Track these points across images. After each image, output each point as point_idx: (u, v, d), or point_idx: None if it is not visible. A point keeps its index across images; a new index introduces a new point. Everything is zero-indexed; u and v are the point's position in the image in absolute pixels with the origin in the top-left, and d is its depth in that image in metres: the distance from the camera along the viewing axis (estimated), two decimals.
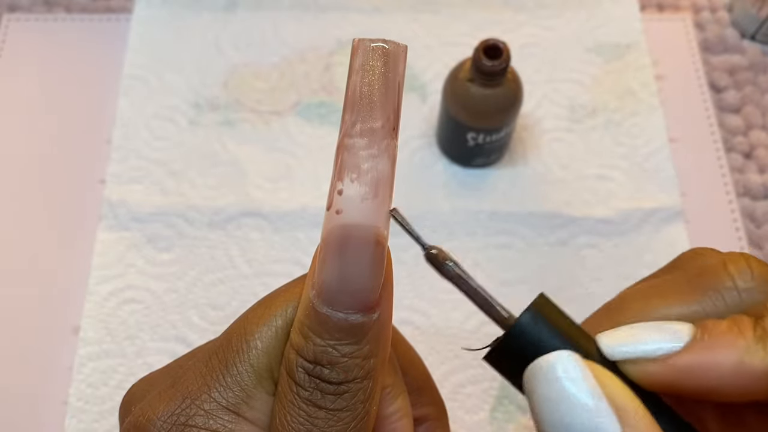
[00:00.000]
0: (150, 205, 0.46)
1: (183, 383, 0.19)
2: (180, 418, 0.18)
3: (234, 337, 0.19)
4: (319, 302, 0.18)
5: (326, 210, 0.18)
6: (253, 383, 0.18)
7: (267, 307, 0.19)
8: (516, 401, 0.41)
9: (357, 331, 0.18)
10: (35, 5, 0.54)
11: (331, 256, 0.18)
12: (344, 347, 0.18)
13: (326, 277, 0.18)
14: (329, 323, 0.18)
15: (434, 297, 0.43)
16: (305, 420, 0.18)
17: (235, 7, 0.54)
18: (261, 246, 0.45)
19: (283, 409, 0.18)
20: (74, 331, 0.43)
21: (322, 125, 0.49)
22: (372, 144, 0.18)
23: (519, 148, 0.48)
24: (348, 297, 0.18)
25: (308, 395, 0.18)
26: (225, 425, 0.18)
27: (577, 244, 0.45)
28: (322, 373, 0.18)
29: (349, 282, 0.18)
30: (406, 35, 0.53)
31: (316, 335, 0.18)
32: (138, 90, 0.50)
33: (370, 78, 0.18)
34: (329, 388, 0.18)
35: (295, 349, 0.18)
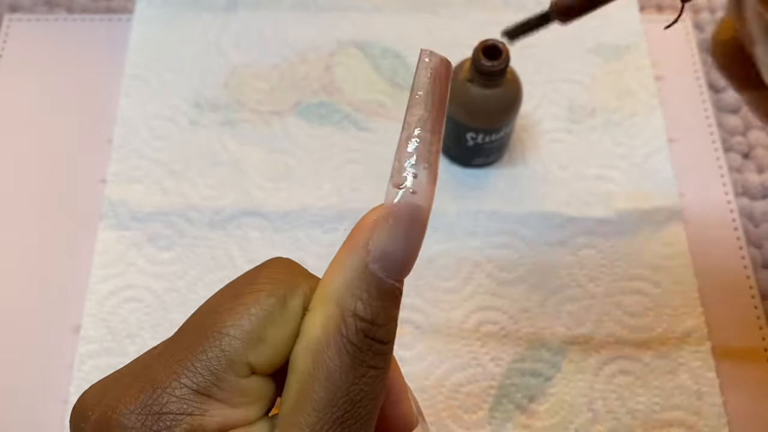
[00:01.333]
0: (150, 205, 0.46)
1: (148, 375, 0.20)
2: (153, 408, 0.19)
3: (203, 329, 0.20)
4: (379, 267, 0.20)
5: (394, 186, 0.21)
6: (222, 367, 0.19)
7: (235, 298, 0.21)
8: (515, 401, 0.41)
9: (397, 298, 0.21)
10: (36, 5, 0.55)
11: (401, 229, 0.20)
12: (391, 311, 0.20)
13: (392, 246, 0.20)
14: (383, 287, 0.20)
15: (434, 297, 0.44)
16: (360, 379, 0.20)
17: (236, 7, 0.54)
18: (261, 245, 0.45)
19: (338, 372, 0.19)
20: (75, 329, 0.43)
21: (322, 125, 0.49)
22: (439, 141, 0.21)
23: (518, 148, 0.48)
24: (400, 266, 0.20)
25: (364, 357, 0.20)
26: (198, 407, 0.19)
27: (576, 244, 0.45)
28: (377, 334, 0.20)
29: (406, 254, 0.20)
30: (406, 35, 0.53)
31: (373, 298, 0.20)
32: (139, 90, 0.50)
33: (439, 84, 0.21)
34: (381, 348, 0.20)
35: (352, 311, 0.20)
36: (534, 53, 0.52)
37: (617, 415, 0.41)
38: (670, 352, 0.42)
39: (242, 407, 0.20)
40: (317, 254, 0.45)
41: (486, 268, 0.44)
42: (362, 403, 0.20)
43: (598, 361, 0.42)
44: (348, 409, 0.19)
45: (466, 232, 0.46)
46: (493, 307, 0.43)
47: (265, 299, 0.20)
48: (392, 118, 0.50)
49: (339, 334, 0.20)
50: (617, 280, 0.44)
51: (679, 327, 0.43)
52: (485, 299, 0.44)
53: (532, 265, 0.45)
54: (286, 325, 0.20)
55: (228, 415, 0.19)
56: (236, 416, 0.20)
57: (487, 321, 0.43)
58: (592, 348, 0.42)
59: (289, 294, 0.21)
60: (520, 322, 0.43)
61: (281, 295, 0.21)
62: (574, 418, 0.41)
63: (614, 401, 0.41)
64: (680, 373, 0.41)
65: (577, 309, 0.43)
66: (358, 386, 0.20)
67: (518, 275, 0.44)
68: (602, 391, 0.41)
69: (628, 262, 0.45)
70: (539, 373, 0.42)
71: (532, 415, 0.41)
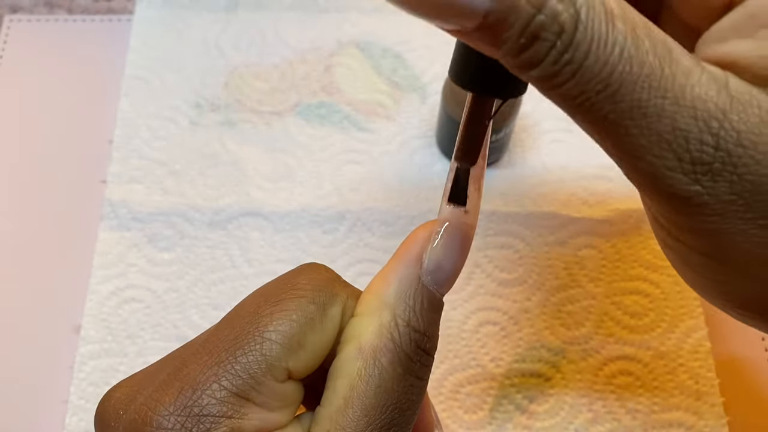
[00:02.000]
0: (151, 205, 0.46)
1: (187, 375, 0.20)
2: (194, 409, 0.19)
3: (243, 332, 0.20)
4: (431, 280, 0.21)
5: (447, 204, 0.22)
6: (262, 371, 0.20)
7: (276, 304, 0.21)
8: (515, 401, 0.41)
9: (441, 311, 0.22)
10: (37, 6, 0.55)
11: (455, 247, 0.21)
12: (438, 323, 0.21)
13: (446, 262, 0.21)
14: (434, 300, 0.21)
15: None
16: (408, 389, 0.20)
17: (236, 7, 0.54)
18: (262, 246, 0.45)
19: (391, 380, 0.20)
20: (75, 329, 0.43)
21: (322, 126, 0.49)
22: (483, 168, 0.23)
23: (518, 148, 0.48)
24: (449, 280, 0.21)
25: (415, 367, 0.21)
26: (237, 410, 0.19)
27: (576, 244, 0.45)
28: (426, 345, 0.21)
29: (456, 268, 0.21)
30: (406, 36, 0.53)
31: (425, 309, 0.21)
32: (139, 90, 0.50)
33: None
34: (428, 359, 0.21)
35: (406, 321, 0.21)
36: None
37: (617, 416, 0.41)
38: (670, 352, 0.42)
39: (278, 411, 0.20)
40: (317, 254, 0.45)
41: (486, 268, 0.45)
42: (407, 412, 0.20)
43: (598, 362, 0.42)
44: (395, 416, 0.20)
45: None
46: (493, 307, 0.43)
47: (306, 306, 0.21)
48: (392, 118, 0.50)
49: (393, 342, 0.20)
50: (617, 280, 0.44)
51: (679, 327, 0.43)
52: (485, 299, 0.44)
53: (532, 265, 0.45)
54: (325, 332, 0.21)
55: (265, 419, 0.20)
56: (272, 420, 0.20)
57: (487, 321, 0.43)
58: (592, 348, 0.42)
59: (329, 302, 0.21)
60: (520, 322, 0.43)
61: (322, 303, 0.21)
62: (574, 419, 0.41)
63: (614, 401, 0.41)
64: (680, 373, 0.41)
65: (577, 309, 0.43)
66: (406, 395, 0.20)
67: (518, 275, 0.44)
68: (602, 391, 0.41)
69: (628, 262, 0.45)
70: (539, 373, 0.42)
71: (532, 415, 0.41)
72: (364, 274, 0.44)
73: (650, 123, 0.18)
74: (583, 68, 0.17)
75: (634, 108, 0.18)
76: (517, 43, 0.17)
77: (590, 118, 0.19)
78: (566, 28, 0.17)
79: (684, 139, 0.18)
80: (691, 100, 0.18)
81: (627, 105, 0.18)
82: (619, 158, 0.20)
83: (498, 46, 0.18)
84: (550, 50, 0.17)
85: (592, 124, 0.19)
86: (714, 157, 0.18)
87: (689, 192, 0.19)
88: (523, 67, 0.18)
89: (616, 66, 0.18)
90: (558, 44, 0.17)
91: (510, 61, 0.18)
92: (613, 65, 0.17)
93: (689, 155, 0.18)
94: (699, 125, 0.18)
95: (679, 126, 0.18)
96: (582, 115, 0.19)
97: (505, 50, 0.18)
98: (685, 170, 0.19)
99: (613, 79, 0.18)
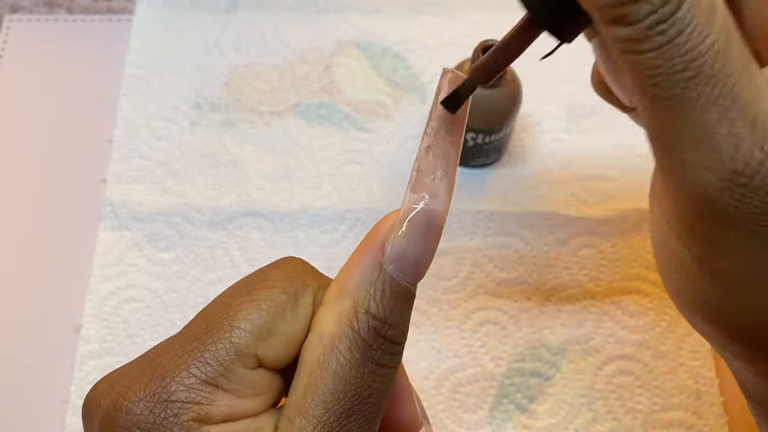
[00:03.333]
0: (151, 205, 0.46)
1: (159, 364, 0.20)
2: (162, 396, 0.19)
3: (214, 321, 0.21)
4: (393, 269, 0.21)
5: (411, 192, 0.22)
6: (231, 358, 0.20)
7: (248, 294, 0.21)
8: (515, 401, 0.41)
9: (411, 300, 0.21)
10: (37, 6, 0.55)
11: (417, 232, 0.21)
12: (404, 311, 0.21)
13: (408, 248, 0.21)
14: (398, 288, 0.21)
15: (434, 297, 0.44)
16: (368, 376, 0.20)
17: (236, 7, 0.54)
18: (261, 246, 0.45)
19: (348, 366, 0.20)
20: (75, 329, 0.43)
21: (322, 126, 0.50)
22: (457, 153, 0.23)
23: (518, 148, 0.49)
24: (416, 269, 0.21)
25: (374, 354, 0.20)
26: (205, 396, 0.19)
27: (576, 244, 0.45)
28: (388, 333, 0.21)
29: (422, 256, 0.21)
30: (406, 36, 0.53)
31: (386, 297, 0.21)
32: (139, 90, 0.50)
33: None
34: (390, 347, 0.21)
35: (365, 309, 0.20)
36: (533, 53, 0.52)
37: (617, 415, 0.41)
38: (670, 352, 0.42)
39: (249, 398, 0.20)
40: (317, 254, 0.45)
41: (486, 268, 0.45)
42: (369, 399, 0.20)
43: (597, 361, 0.42)
44: (355, 403, 0.20)
45: (466, 232, 0.46)
46: (493, 307, 0.43)
47: (277, 296, 0.21)
48: (392, 118, 0.50)
49: (351, 329, 0.20)
50: (617, 279, 0.44)
51: (679, 327, 0.43)
52: (485, 299, 0.44)
53: (532, 265, 0.45)
54: (297, 321, 0.21)
55: (235, 406, 0.20)
56: (243, 407, 0.20)
57: (487, 321, 0.43)
58: (592, 348, 0.42)
59: (301, 292, 0.21)
60: (520, 322, 0.43)
61: (293, 293, 0.21)
62: (574, 418, 0.41)
63: (614, 401, 0.41)
64: (680, 373, 0.42)
65: (577, 309, 0.43)
66: (367, 382, 0.20)
67: (518, 275, 0.44)
68: (602, 391, 0.41)
69: (628, 261, 0.45)
70: (539, 373, 0.42)
71: (532, 415, 0.41)
72: None
73: (710, 119, 0.19)
74: (673, 44, 0.18)
75: (701, 99, 0.19)
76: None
77: (654, 93, 0.19)
78: (672, 0, 0.18)
79: (734, 146, 0.19)
80: (754, 115, 0.19)
81: (695, 94, 0.19)
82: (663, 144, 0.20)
83: None
84: (650, 14, 0.18)
85: (653, 100, 0.19)
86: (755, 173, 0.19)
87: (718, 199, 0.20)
88: (616, 21, 0.19)
89: (703, 55, 0.18)
90: (660, 12, 0.18)
91: (608, 11, 0.19)
92: (699, 53, 0.18)
93: (733, 164, 0.19)
94: (754, 138, 0.19)
95: (734, 132, 0.19)
96: (648, 89, 0.19)
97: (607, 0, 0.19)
98: (724, 177, 0.19)
99: (694, 66, 0.18)
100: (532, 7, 0.22)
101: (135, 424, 0.19)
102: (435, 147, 0.22)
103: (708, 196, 0.20)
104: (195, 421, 0.19)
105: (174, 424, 0.19)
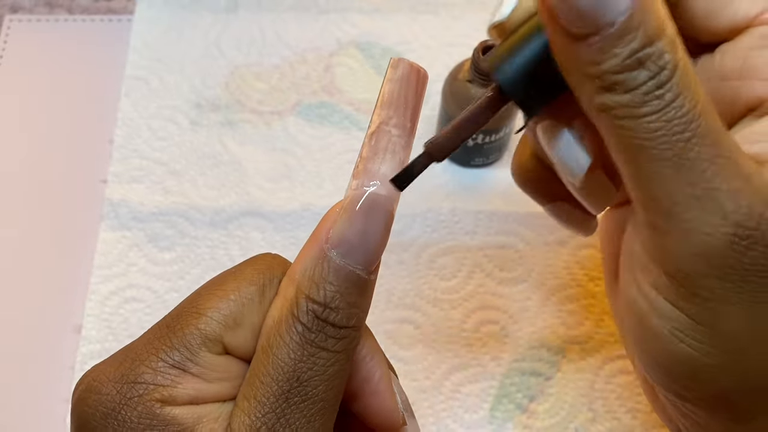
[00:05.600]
0: (151, 205, 0.46)
1: (131, 350, 0.21)
2: (129, 377, 0.20)
3: (184, 310, 0.22)
4: (336, 254, 0.21)
5: (354, 179, 0.22)
6: (198, 344, 0.21)
7: (218, 285, 0.22)
8: (515, 400, 0.41)
9: (361, 285, 0.21)
10: (37, 6, 0.55)
11: (358, 217, 0.21)
12: (350, 296, 0.21)
13: (349, 233, 0.21)
14: (342, 272, 0.21)
15: (434, 297, 0.44)
16: (308, 359, 0.20)
17: (236, 8, 0.54)
18: (262, 246, 0.45)
19: (286, 348, 0.20)
20: (76, 329, 0.43)
21: (322, 126, 0.50)
22: (401, 137, 0.22)
23: None
24: (362, 253, 0.21)
25: (314, 337, 0.20)
26: (171, 379, 0.20)
27: (576, 243, 0.45)
28: (329, 316, 0.21)
29: (367, 241, 0.21)
30: (406, 36, 0.53)
31: (328, 281, 0.21)
32: (139, 90, 0.51)
33: (406, 88, 0.23)
34: (333, 331, 0.21)
35: (305, 294, 0.21)
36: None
37: (617, 415, 0.41)
38: None
39: (216, 383, 0.21)
40: None
41: (486, 268, 0.45)
42: (311, 382, 0.20)
43: (598, 361, 0.42)
44: (294, 385, 0.20)
45: (466, 232, 0.46)
46: (493, 306, 0.44)
47: (246, 287, 0.22)
48: None
49: (291, 315, 0.21)
50: None
51: None
52: (485, 299, 0.44)
53: (532, 265, 0.45)
54: (263, 312, 0.22)
55: (201, 389, 0.21)
56: (209, 390, 0.21)
57: (487, 321, 0.43)
58: (592, 347, 0.42)
59: (269, 283, 0.22)
60: (520, 322, 0.43)
61: (261, 284, 0.22)
62: (574, 418, 0.41)
63: (614, 401, 0.41)
64: None
65: (576, 308, 0.43)
66: (307, 365, 0.20)
67: (518, 275, 0.44)
68: (602, 390, 0.41)
69: None
70: (539, 372, 0.42)
71: (532, 414, 0.41)
72: None
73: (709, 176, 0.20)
74: (671, 107, 0.19)
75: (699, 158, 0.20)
76: (622, 63, 0.19)
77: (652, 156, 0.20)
78: (668, 67, 0.19)
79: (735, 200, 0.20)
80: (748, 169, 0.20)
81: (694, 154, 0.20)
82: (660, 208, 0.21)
83: (602, 62, 0.19)
84: (649, 80, 0.19)
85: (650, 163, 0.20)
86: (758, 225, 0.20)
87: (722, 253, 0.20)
88: (613, 88, 0.20)
89: (698, 117, 0.20)
90: (657, 78, 0.19)
91: (607, 78, 0.19)
92: (695, 114, 0.19)
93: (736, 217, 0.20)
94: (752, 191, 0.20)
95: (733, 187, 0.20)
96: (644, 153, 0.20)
97: (607, 66, 0.19)
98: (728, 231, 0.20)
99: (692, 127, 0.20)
100: (507, 81, 0.22)
101: (101, 404, 0.20)
102: (380, 133, 0.22)
103: (713, 250, 0.20)
104: (159, 401, 0.20)
105: (138, 404, 0.20)
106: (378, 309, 0.43)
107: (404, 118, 0.23)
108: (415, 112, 0.23)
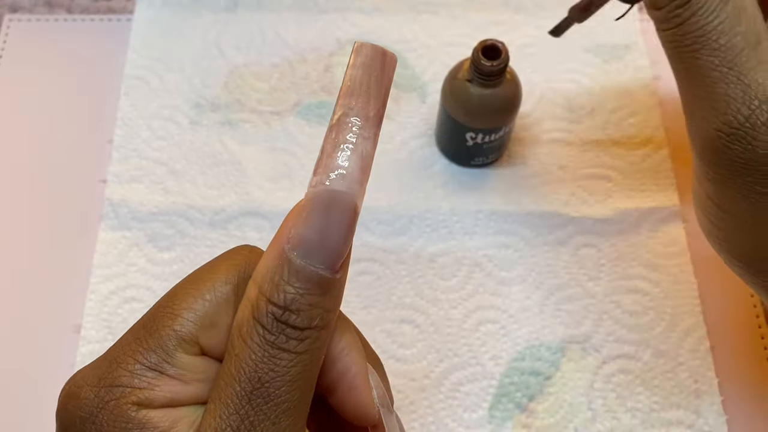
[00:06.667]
0: (151, 205, 0.46)
1: (110, 354, 0.21)
2: (107, 381, 0.20)
3: (160, 310, 0.21)
4: (296, 255, 0.20)
5: (314, 175, 0.21)
6: (174, 345, 0.21)
7: (193, 284, 0.22)
8: (514, 400, 0.41)
9: (324, 285, 0.20)
10: (37, 6, 0.55)
11: (316, 215, 0.20)
12: (312, 297, 0.20)
13: (308, 232, 0.20)
14: (302, 274, 0.20)
15: (434, 296, 0.44)
16: (269, 360, 0.20)
17: (236, 7, 0.54)
18: (262, 245, 0.45)
19: (247, 350, 0.20)
20: (76, 329, 0.43)
21: (322, 125, 0.50)
22: (364, 128, 0.21)
23: (518, 147, 0.49)
24: (323, 253, 0.20)
25: (274, 339, 0.20)
26: (149, 382, 0.20)
27: (576, 243, 0.45)
28: (290, 319, 0.20)
29: (328, 239, 0.20)
30: (406, 36, 0.53)
31: (288, 284, 0.20)
32: (139, 90, 0.51)
33: (370, 74, 0.21)
34: (294, 333, 0.20)
35: (266, 296, 0.20)
36: (533, 53, 0.52)
37: (616, 414, 0.41)
38: (669, 352, 0.42)
39: (194, 384, 0.21)
40: None
41: (486, 268, 0.45)
42: (273, 384, 0.20)
43: (597, 360, 0.42)
44: (256, 386, 0.20)
45: (465, 231, 0.46)
46: (493, 306, 0.44)
47: (221, 287, 0.22)
48: (392, 117, 0.50)
49: (251, 316, 0.20)
50: (617, 279, 0.44)
51: (679, 326, 0.43)
52: (485, 298, 0.44)
53: (532, 264, 0.45)
54: None
55: (178, 392, 0.21)
56: (186, 392, 0.21)
57: (487, 320, 0.43)
58: (592, 347, 0.42)
59: (243, 282, 0.22)
60: (519, 321, 0.43)
61: (235, 283, 0.22)
62: (573, 417, 0.41)
63: (614, 400, 0.41)
64: (679, 372, 0.42)
65: (576, 308, 0.44)
66: (267, 366, 0.20)
67: (518, 275, 0.44)
68: (602, 390, 0.41)
69: (628, 261, 0.45)
70: (539, 372, 0.42)
71: (532, 414, 0.41)
72: (363, 273, 0.44)
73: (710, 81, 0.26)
74: (687, 24, 0.26)
75: (705, 66, 0.26)
76: None
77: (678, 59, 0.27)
78: None
79: (726, 103, 0.26)
80: (749, 80, 0.26)
81: (701, 62, 0.26)
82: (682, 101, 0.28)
83: None
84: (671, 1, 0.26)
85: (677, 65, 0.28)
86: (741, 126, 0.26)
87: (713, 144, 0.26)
88: (653, 5, 0.27)
89: (709, 33, 0.26)
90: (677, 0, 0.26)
91: None
92: (706, 31, 0.26)
93: (724, 116, 0.26)
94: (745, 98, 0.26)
95: (729, 92, 0.26)
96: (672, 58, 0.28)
97: None
98: (717, 126, 0.26)
99: (701, 41, 0.26)
100: None
101: (80, 408, 0.20)
102: (341, 125, 0.21)
103: (707, 140, 0.27)
104: (135, 405, 0.20)
105: (114, 407, 0.20)
106: (378, 309, 0.43)
107: (367, 107, 0.21)
108: (381, 99, 0.21)
